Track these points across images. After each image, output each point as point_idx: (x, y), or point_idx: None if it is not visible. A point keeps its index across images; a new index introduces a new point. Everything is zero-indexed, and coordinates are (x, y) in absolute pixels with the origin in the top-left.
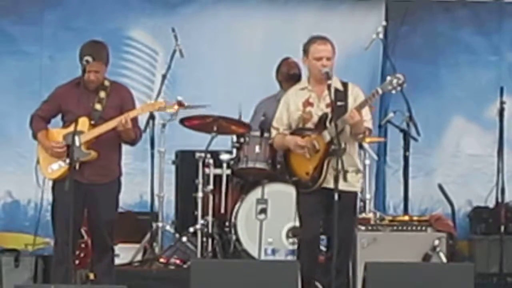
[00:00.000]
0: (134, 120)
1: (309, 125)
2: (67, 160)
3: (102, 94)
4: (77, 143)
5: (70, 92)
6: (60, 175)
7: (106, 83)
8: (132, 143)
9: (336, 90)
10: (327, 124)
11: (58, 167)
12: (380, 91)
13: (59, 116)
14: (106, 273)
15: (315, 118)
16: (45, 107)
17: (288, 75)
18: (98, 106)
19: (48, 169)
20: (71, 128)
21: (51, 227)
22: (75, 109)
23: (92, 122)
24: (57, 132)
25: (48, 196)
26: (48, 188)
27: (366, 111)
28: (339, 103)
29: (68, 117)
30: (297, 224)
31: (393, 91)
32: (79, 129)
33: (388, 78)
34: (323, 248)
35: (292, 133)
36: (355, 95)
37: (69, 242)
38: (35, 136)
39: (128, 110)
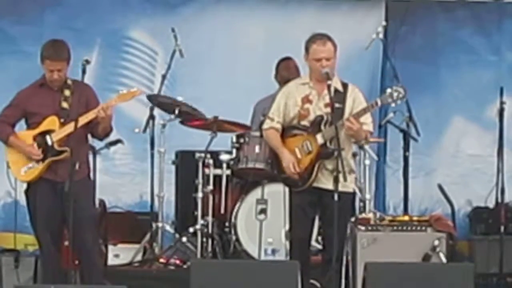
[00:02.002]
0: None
1: (305, 122)
2: (40, 162)
3: (67, 92)
4: (49, 142)
5: (34, 93)
6: (35, 177)
7: (69, 81)
8: (105, 136)
9: (336, 90)
10: (322, 126)
11: (31, 168)
12: (379, 103)
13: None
14: (91, 274)
15: (312, 116)
16: (8, 113)
17: (288, 80)
18: (65, 105)
19: (21, 171)
20: (40, 129)
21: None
22: (41, 110)
23: (62, 120)
24: (25, 134)
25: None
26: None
27: (367, 115)
28: (337, 105)
29: (34, 118)
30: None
31: (393, 104)
32: (50, 128)
33: (389, 90)
34: (320, 247)
35: (284, 129)
36: (354, 97)
37: (58, 243)
38: (5, 141)
39: (93, 107)
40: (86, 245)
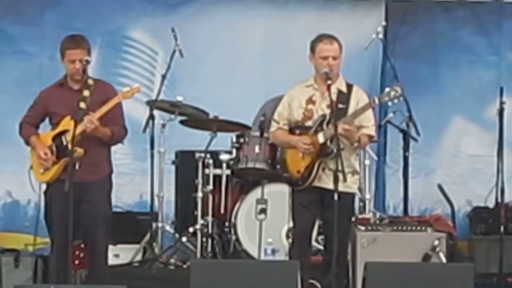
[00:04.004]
0: (113, 116)
1: (309, 123)
2: (59, 162)
3: (86, 93)
4: (64, 143)
5: (54, 93)
6: (51, 178)
7: (90, 81)
8: (114, 142)
9: (340, 91)
10: (324, 125)
11: (48, 169)
12: (377, 101)
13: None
14: (98, 274)
15: (315, 117)
16: (31, 113)
17: None
18: (82, 105)
19: (40, 172)
20: (58, 129)
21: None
22: (60, 110)
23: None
24: (46, 135)
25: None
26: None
27: (369, 117)
28: (340, 106)
29: (55, 119)
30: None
31: (390, 103)
32: (66, 128)
33: (387, 89)
34: (320, 247)
35: (290, 130)
36: (358, 98)
37: (68, 243)
38: (27, 142)
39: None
40: (96, 245)
